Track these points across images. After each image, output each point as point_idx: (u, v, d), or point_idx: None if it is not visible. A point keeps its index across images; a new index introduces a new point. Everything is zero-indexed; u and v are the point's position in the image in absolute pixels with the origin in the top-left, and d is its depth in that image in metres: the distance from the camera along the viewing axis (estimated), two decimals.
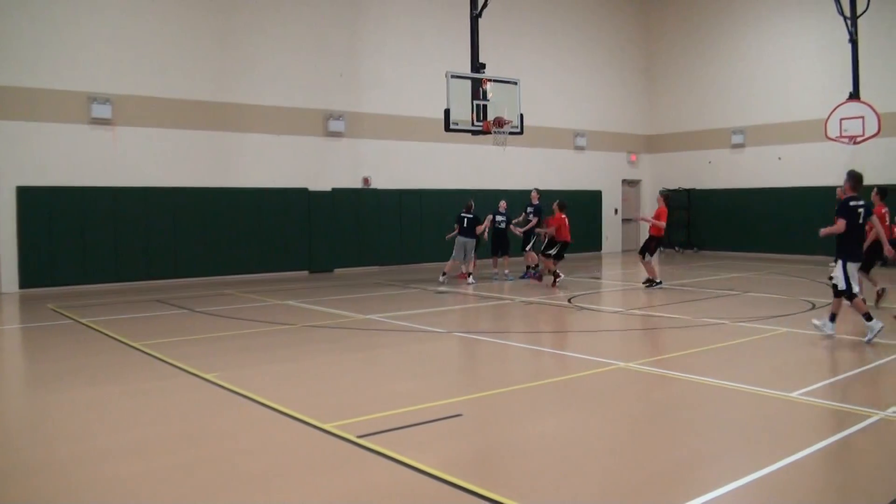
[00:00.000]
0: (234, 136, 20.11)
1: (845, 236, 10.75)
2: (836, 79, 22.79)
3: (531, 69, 24.56)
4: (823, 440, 6.26)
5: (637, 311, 14.10)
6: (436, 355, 10.53)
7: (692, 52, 29.05)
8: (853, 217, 10.78)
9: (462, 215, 18.73)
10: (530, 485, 5.46)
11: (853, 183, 10.96)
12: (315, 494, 5.32)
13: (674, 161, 29.75)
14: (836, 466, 5.86)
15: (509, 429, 6.94)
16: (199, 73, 19.50)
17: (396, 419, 6.95)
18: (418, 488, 5.39)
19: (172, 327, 12.54)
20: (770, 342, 10.94)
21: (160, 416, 7.29)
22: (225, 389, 8.11)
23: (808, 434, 6.45)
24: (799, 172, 25.26)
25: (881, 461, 5.97)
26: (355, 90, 22.27)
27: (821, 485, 5.46)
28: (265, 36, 20.56)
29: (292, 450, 6.30)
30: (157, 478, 5.63)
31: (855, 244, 10.90)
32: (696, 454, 6.22)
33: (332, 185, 21.70)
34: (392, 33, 22.97)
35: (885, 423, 6.80)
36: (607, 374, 8.95)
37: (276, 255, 20.71)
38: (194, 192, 19.29)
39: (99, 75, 18.04)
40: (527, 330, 12.68)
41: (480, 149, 23.24)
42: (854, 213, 10.80)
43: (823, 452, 6.04)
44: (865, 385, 8.48)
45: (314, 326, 12.44)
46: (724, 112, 27.86)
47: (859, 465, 5.91)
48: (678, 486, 5.47)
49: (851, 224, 10.72)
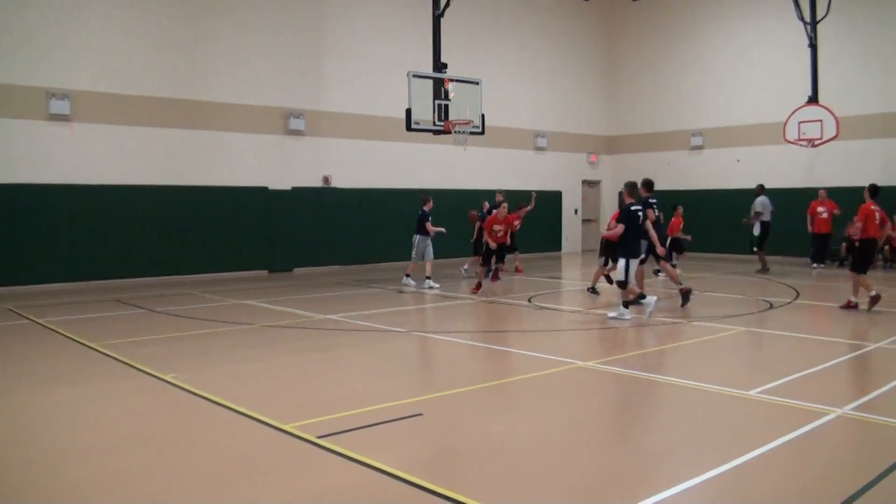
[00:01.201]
0: (194, 134, 19.90)
1: (626, 237, 12.74)
2: (795, 83, 23.16)
3: (493, 70, 24.62)
4: (781, 437, 6.33)
5: (595, 310, 14.18)
6: (396, 355, 10.51)
7: (652, 54, 29.31)
8: (634, 220, 12.78)
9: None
10: (491, 483, 5.46)
11: (630, 190, 13.05)
12: (275, 495, 5.27)
13: (633, 162, 29.96)
14: (793, 464, 5.93)
15: (470, 428, 6.94)
16: (158, 69, 19.26)
17: (357, 419, 6.92)
18: (379, 488, 5.36)
19: (131, 328, 12.37)
20: (727, 341, 11.06)
21: (119, 419, 7.19)
22: (184, 391, 8.02)
23: (765, 432, 6.52)
24: (757, 174, 25.51)
25: (839, 458, 6.06)
26: (316, 88, 22.17)
27: (779, 482, 5.51)
28: (226, 32, 20.36)
29: (252, 451, 6.24)
30: (116, 481, 5.55)
31: (635, 243, 12.95)
32: (655, 452, 6.27)
33: (293, 184, 21.57)
34: (354, 31, 22.88)
35: (843, 420, 6.91)
36: (567, 372, 8.99)
37: (235, 254, 20.53)
38: (153, 190, 19.04)
39: (57, 71, 17.74)
40: (487, 329, 12.70)
41: (442, 148, 23.25)
42: (634, 217, 12.82)
43: (781, 450, 6.11)
44: (823, 383, 8.59)
45: (274, 326, 12.36)
46: (684, 114, 28.15)
47: (817, 462, 5.98)
48: (637, 483, 5.50)
49: (632, 227, 12.73)
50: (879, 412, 7.17)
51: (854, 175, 23.12)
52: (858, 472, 5.59)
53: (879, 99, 22.91)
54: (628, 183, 13.31)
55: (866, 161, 23.12)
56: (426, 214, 17.92)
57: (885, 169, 22.81)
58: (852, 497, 5.08)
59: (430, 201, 18.28)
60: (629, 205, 12.90)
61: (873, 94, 23.02)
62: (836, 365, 9.36)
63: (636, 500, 5.04)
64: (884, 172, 22.74)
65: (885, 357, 9.82)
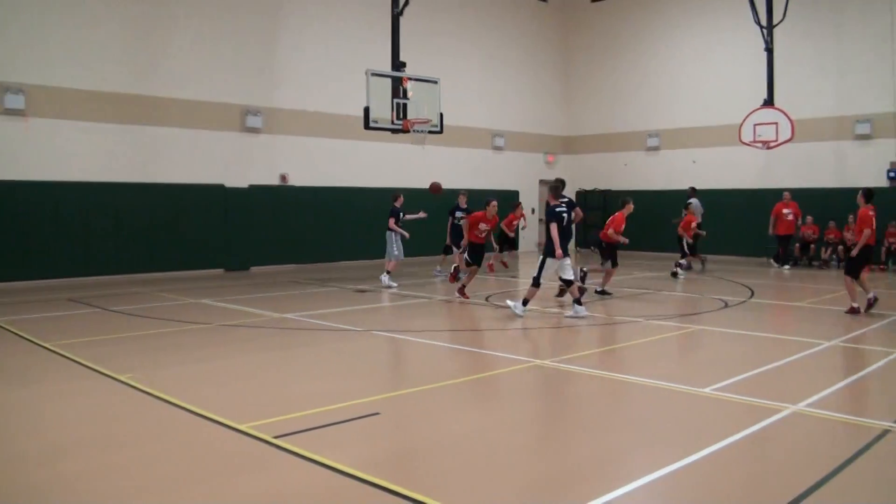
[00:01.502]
0: (150, 130, 19.61)
1: (550, 237, 12.95)
2: (751, 85, 23.52)
3: (451, 69, 24.62)
4: (736, 434, 6.40)
5: (552, 309, 14.24)
6: (353, 354, 10.46)
7: (609, 55, 29.53)
8: (560, 220, 12.97)
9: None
10: (448, 482, 5.45)
11: (555, 193, 13.26)
12: (231, 496, 5.21)
13: (590, 162, 30.19)
14: (748, 460, 5.99)
15: (427, 427, 6.93)
16: (114, 65, 18.96)
17: (314, 419, 6.88)
18: (336, 488, 5.33)
19: (85, 327, 12.18)
20: (683, 339, 11.18)
21: (74, 420, 7.06)
22: (139, 391, 7.91)
23: (720, 429, 6.59)
24: (713, 175, 25.90)
25: (793, 454, 6.13)
26: (274, 85, 22.00)
27: (734, 478, 5.57)
28: (183, 27, 20.11)
29: (208, 451, 6.17)
30: (71, 484, 5.45)
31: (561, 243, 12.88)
32: (611, 449, 6.30)
33: (250, 182, 21.38)
34: (312, 28, 22.75)
35: (797, 416, 7.00)
36: (523, 371, 9.02)
37: (191, 252, 20.26)
38: (107, 187, 18.72)
39: (12, 64, 17.41)
40: (444, 328, 12.69)
41: (400, 147, 23.20)
42: (561, 217, 12.99)
43: (736, 446, 6.18)
44: (777, 380, 8.70)
45: (230, 325, 12.24)
46: (640, 115, 28.41)
47: (772, 458, 6.05)
48: (593, 480, 5.53)
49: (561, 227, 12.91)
50: (833, 409, 7.28)
51: (808, 177, 23.51)
52: (812, 468, 5.66)
53: (833, 102, 23.31)
54: (552, 184, 13.55)
55: (820, 163, 23.53)
56: (395, 211, 17.75)
57: (838, 171, 23.22)
58: (807, 492, 5.15)
59: (400, 197, 18.04)
60: (554, 205, 13.13)
61: (827, 98, 23.41)
62: (790, 362, 9.47)
63: (592, 497, 5.07)
64: (836, 175, 23.17)
65: (838, 354, 9.98)
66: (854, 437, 6.50)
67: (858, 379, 8.76)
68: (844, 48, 23.17)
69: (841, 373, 9.04)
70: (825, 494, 5.17)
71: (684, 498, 5.24)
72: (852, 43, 23.00)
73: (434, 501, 4.99)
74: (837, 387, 8.24)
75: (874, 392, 8.45)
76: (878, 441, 6.30)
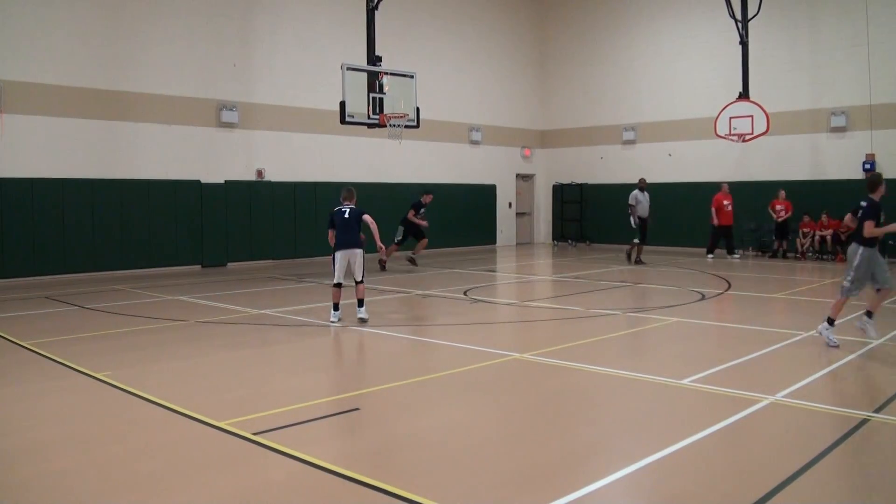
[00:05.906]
0: (124, 126, 19.42)
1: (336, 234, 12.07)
2: (727, 79, 23.66)
3: (428, 63, 24.61)
4: (715, 425, 6.44)
5: (531, 302, 14.26)
6: (332, 350, 10.44)
7: (586, 48, 29.56)
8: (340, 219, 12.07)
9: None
10: (428, 477, 5.44)
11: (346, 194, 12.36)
12: (211, 493, 5.18)
13: (567, 156, 30.24)
14: (727, 451, 6.03)
15: (407, 422, 6.92)
16: (88, 59, 18.74)
17: (293, 415, 6.85)
18: (316, 484, 5.31)
19: (62, 325, 12.07)
20: (661, 332, 11.22)
21: (51, 419, 6.99)
22: (117, 389, 7.84)
23: (699, 420, 6.62)
24: (689, 168, 26.04)
25: (771, 444, 6.16)
26: (249, 80, 21.86)
27: (713, 469, 5.60)
28: (157, 22, 19.90)
29: (187, 449, 6.13)
30: (48, 482, 5.40)
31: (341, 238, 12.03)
32: (590, 442, 6.32)
33: (225, 178, 21.25)
34: (287, 23, 22.62)
35: (775, 407, 7.04)
36: (503, 364, 9.03)
37: (167, 249, 20.13)
38: (82, 183, 18.53)
39: None
40: (422, 322, 12.68)
41: (376, 142, 23.17)
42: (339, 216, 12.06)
43: (715, 437, 6.21)
44: (755, 371, 8.76)
45: (207, 322, 12.16)
46: (616, 109, 28.47)
47: (750, 448, 6.08)
48: (573, 473, 5.54)
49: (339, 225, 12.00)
50: (811, 399, 7.33)
51: (784, 169, 23.67)
52: (791, 458, 5.70)
53: (808, 95, 23.43)
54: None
55: (795, 156, 23.68)
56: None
57: (813, 164, 23.38)
58: (785, 482, 5.18)
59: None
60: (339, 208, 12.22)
61: (803, 91, 23.53)
62: (768, 353, 9.53)
63: (572, 489, 5.08)
64: (812, 168, 23.34)
65: (816, 345, 10.03)
66: (833, 427, 6.55)
67: (836, 368, 8.81)
68: (819, 41, 23.29)
69: (818, 363, 9.09)
70: (804, 484, 5.20)
71: (664, 488, 5.26)
72: (827, 35, 23.12)
73: (415, 496, 4.98)
74: (815, 377, 8.29)
75: (852, 382, 8.51)
76: (857, 430, 6.36)
